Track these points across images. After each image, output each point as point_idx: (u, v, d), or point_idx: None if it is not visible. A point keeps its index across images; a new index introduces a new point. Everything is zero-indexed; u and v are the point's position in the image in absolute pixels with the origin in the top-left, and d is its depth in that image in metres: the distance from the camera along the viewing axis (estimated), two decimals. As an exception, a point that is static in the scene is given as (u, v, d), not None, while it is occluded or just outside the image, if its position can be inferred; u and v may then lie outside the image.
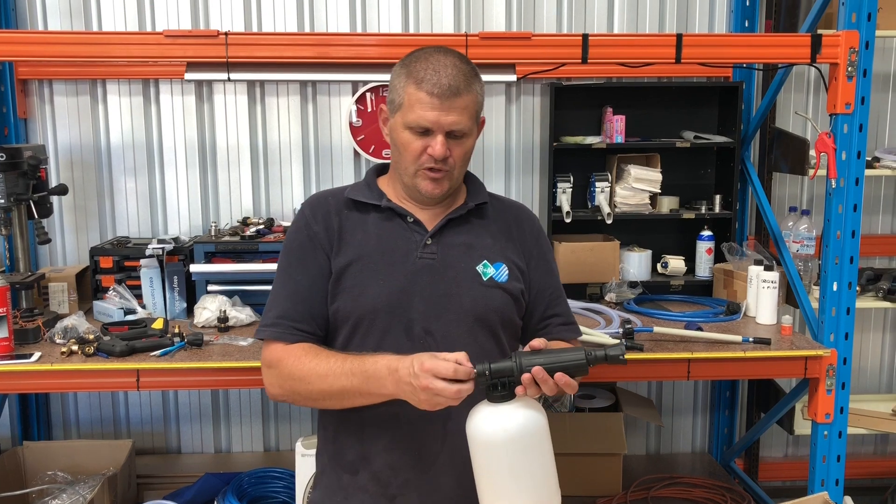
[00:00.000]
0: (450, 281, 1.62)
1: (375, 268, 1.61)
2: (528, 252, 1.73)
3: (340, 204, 1.69)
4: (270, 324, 1.63)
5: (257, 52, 2.36)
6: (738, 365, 2.49)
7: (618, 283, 3.00)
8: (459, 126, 1.57)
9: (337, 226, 1.65)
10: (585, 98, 3.17)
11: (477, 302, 1.63)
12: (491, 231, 1.70)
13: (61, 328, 2.50)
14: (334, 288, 1.62)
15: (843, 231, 2.48)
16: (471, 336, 1.62)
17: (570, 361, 1.39)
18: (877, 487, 3.38)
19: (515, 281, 1.68)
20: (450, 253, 1.64)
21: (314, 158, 3.25)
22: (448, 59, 1.58)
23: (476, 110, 1.62)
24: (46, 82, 3.12)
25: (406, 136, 1.59)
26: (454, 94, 1.55)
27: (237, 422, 3.36)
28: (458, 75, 1.56)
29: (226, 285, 2.81)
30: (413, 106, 1.56)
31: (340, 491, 1.67)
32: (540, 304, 1.74)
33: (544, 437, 1.41)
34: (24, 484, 2.88)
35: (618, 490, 2.99)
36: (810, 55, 2.39)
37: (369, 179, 1.74)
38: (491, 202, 1.74)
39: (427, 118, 1.55)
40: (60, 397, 3.27)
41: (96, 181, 3.19)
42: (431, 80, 1.55)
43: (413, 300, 1.60)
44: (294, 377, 1.57)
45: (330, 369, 1.52)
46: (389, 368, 1.45)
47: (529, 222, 1.78)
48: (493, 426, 1.38)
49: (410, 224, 1.66)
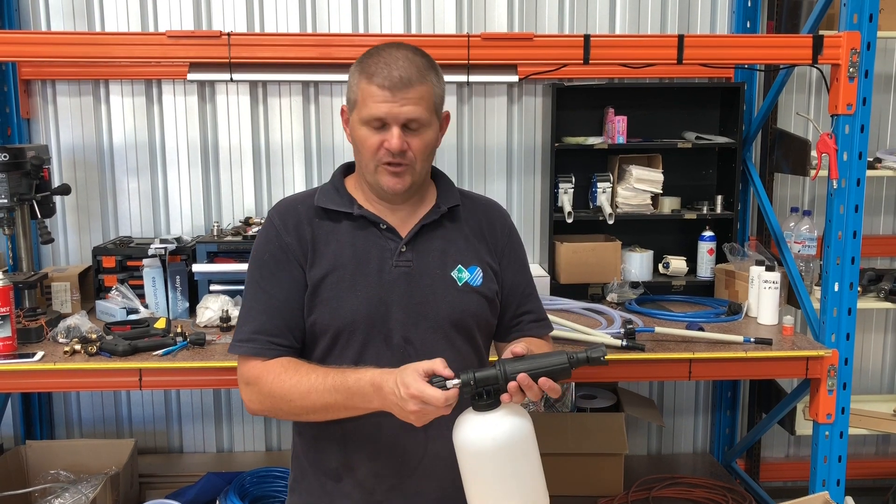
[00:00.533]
0: (426, 288, 1.61)
1: (352, 279, 1.59)
2: (500, 251, 1.72)
3: (311, 212, 1.64)
4: (246, 339, 1.59)
5: (260, 52, 2.37)
6: (739, 365, 2.49)
7: (619, 283, 3.00)
8: (414, 115, 1.54)
9: (310, 236, 1.62)
10: (587, 99, 3.17)
11: (454, 308, 1.62)
12: (464, 233, 1.69)
13: (64, 328, 2.50)
14: (311, 300, 1.60)
15: (844, 232, 2.48)
16: (448, 342, 1.62)
17: (553, 366, 1.39)
18: (878, 488, 3.38)
19: (490, 283, 1.67)
20: (424, 260, 1.63)
21: (316, 159, 3.25)
22: (400, 53, 1.56)
23: (434, 102, 1.59)
24: (49, 83, 3.13)
25: (363, 132, 1.56)
26: (406, 86, 1.53)
27: (239, 421, 3.37)
28: (410, 66, 1.54)
29: (228, 285, 2.81)
30: (366, 100, 1.54)
31: (325, 496, 1.66)
32: (512, 301, 1.73)
33: (531, 443, 1.42)
34: (27, 483, 2.89)
35: (619, 490, 3.00)
36: (812, 56, 2.39)
37: (336, 183, 1.70)
38: (462, 202, 1.72)
39: (380, 110, 1.53)
40: (63, 396, 3.28)
41: (99, 181, 3.20)
42: (382, 73, 1.53)
43: (391, 310, 1.59)
44: (275, 395, 1.54)
45: (312, 386, 1.50)
46: (374, 385, 1.43)
47: (501, 220, 1.76)
48: (480, 435, 1.38)
49: (384, 231, 1.63)
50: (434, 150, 1.64)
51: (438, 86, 1.61)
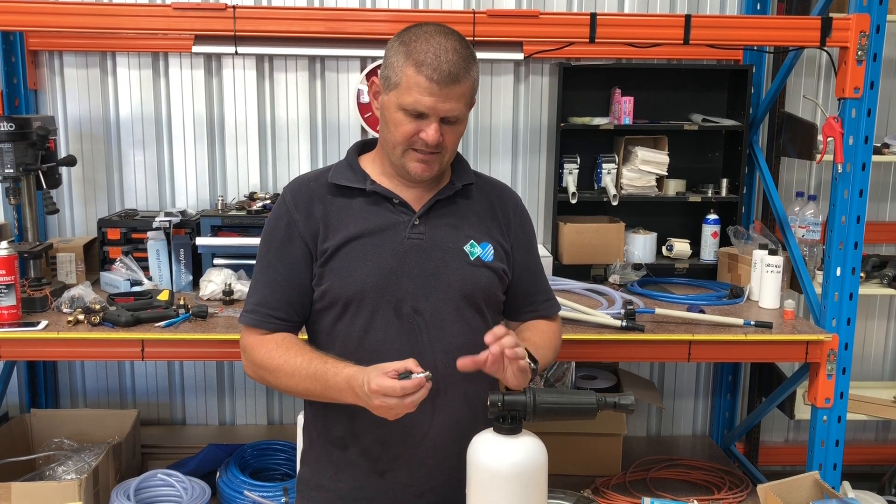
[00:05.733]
0: (438, 260, 1.63)
1: (363, 249, 1.61)
2: (512, 232, 1.74)
3: (324, 189, 1.66)
4: (249, 310, 1.66)
5: (265, 25, 2.36)
6: (738, 348, 2.49)
7: (622, 264, 3.00)
8: (455, 113, 1.55)
9: (321, 213, 1.63)
10: (594, 79, 3.16)
11: (465, 281, 1.64)
12: (476, 211, 1.71)
13: (68, 298, 2.53)
14: (322, 269, 1.62)
15: (848, 216, 2.47)
16: (458, 314, 1.64)
17: (580, 404, 1.44)
18: (876, 474, 3.39)
19: (500, 261, 1.69)
20: (437, 233, 1.64)
21: (321, 134, 3.25)
22: (449, 43, 1.53)
23: (472, 96, 1.60)
24: (57, 54, 3.14)
25: (399, 116, 1.56)
26: (453, 82, 1.52)
27: (241, 394, 3.40)
28: (459, 61, 1.52)
29: (231, 259, 2.83)
30: (411, 89, 1.52)
31: (331, 466, 1.69)
32: (524, 282, 1.76)
33: (543, 474, 1.44)
34: (32, 450, 2.93)
35: (617, 471, 3.01)
36: (820, 38, 2.37)
37: (350, 159, 1.71)
38: (476, 182, 1.74)
39: (424, 104, 1.52)
40: (68, 366, 3.31)
41: (105, 153, 3.21)
42: (432, 64, 1.51)
43: (401, 280, 1.61)
44: (264, 367, 1.61)
45: (296, 369, 1.56)
46: (348, 383, 1.48)
47: (513, 202, 1.78)
48: (499, 458, 1.40)
49: (397, 206, 1.64)
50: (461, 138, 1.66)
51: (477, 78, 1.61)
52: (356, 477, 1.67)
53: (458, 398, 1.63)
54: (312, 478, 1.74)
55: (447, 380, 1.59)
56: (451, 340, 1.62)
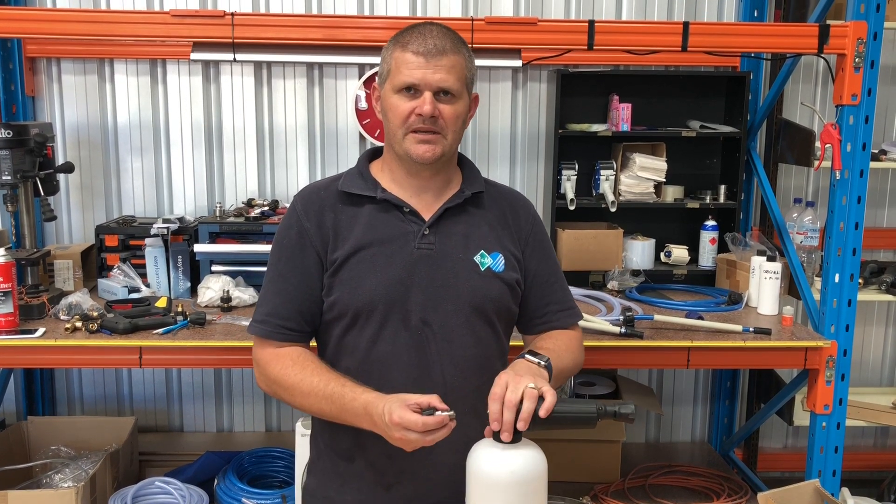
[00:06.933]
0: (447, 271, 1.62)
1: (373, 260, 1.60)
2: (523, 240, 1.73)
3: (334, 197, 1.66)
4: (260, 320, 1.65)
5: (263, 33, 2.37)
6: (737, 354, 2.49)
7: (620, 271, 3.00)
8: (447, 84, 1.56)
9: (331, 222, 1.63)
10: (592, 85, 3.16)
11: (475, 292, 1.62)
12: (487, 220, 1.69)
13: (66, 305, 2.52)
14: (331, 280, 1.61)
15: (846, 222, 2.48)
16: (468, 326, 1.62)
17: (580, 413, 1.44)
18: (875, 480, 3.38)
19: (511, 270, 1.68)
20: (447, 243, 1.63)
21: (320, 141, 3.25)
22: (434, 27, 1.61)
23: (465, 75, 1.61)
24: (54, 60, 3.13)
25: (394, 99, 1.58)
26: (440, 53, 1.56)
27: (239, 402, 3.39)
28: (444, 38, 1.58)
29: (229, 266, 2.83)
30: (400, 67, 1.57)
31: (337, 478, 1.69)
32: (537, 291, 1.74)
33: (543, 483, 1.43)
34: (28, 458, 2.91)
35: (616, 477, 3.00)
36: (818, 45, 2.38)
37: (361, 167, 1.71)
38: (487, 189, 1.72)
39: (413, 76, 1.56)
40: (65, 374, 3.30)
41: (103, 160, 3.20)
42: (417, 41, 1.57)
43: (411, 291, 1.60)
44: (279, 384, 1.60)
45: (312, 389, 1.54)
46: (366, 409, 1.46)
47: (525, 209, 1.77)
48: (499, 467, 1.39)
49: (407, 214, 1.64)
50: (464, 127, 1.65)
51: (470, 61, 1.64)
52: (362, 489, 1.66)
53: (467, 412, 1.60)
54: (319, 489, 1.73)
55: (456, 393, 1.57)
56: (459, 353, 1.61)
